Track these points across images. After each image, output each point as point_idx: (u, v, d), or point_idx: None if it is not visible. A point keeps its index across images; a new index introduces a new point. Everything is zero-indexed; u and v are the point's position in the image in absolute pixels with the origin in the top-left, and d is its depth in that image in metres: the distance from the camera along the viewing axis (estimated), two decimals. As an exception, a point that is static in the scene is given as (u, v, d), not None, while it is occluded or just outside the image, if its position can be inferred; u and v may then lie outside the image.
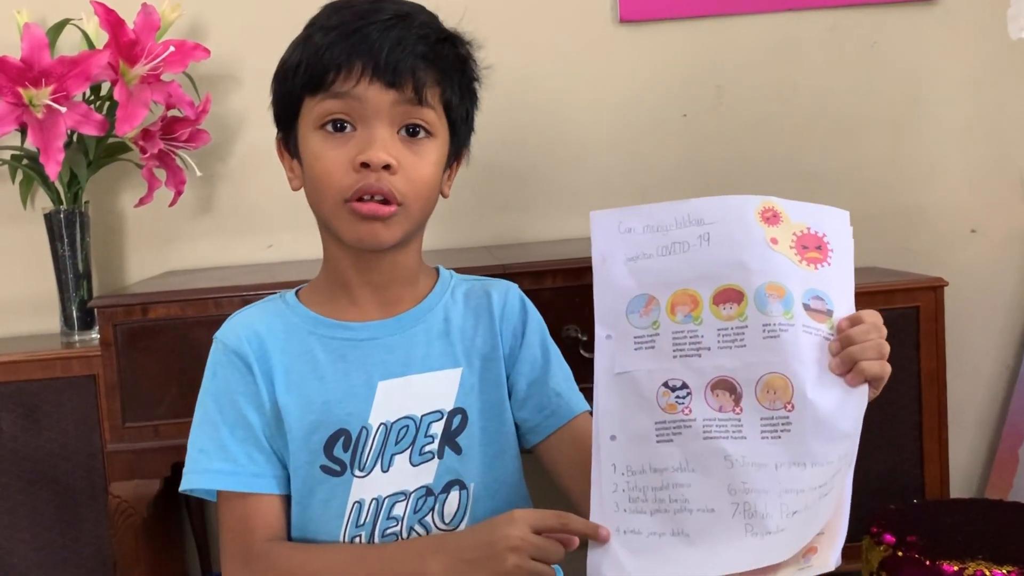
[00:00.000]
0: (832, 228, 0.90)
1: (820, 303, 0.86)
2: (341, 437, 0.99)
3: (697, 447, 0.87)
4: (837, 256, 0.88)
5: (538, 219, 2.00)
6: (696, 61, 2.01)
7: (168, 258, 1.97)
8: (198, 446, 1.00)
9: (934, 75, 2.05)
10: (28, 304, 1.94)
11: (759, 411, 0.85)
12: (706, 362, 0.88)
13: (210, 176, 1.94)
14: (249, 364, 0.99)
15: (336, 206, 0.96)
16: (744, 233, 0.88)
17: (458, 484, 1.02)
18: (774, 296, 0.86)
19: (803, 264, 0.87)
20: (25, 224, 1.90)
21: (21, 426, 1.70)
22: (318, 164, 0.97)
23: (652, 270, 0.92)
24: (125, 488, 1.57)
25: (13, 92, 1.59)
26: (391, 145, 0.95)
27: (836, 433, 0.83)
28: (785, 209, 0.90)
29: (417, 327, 1.04)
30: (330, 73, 0.95)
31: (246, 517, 0.99)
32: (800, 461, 0.83)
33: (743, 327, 0.87)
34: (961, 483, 2.08)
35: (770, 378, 0.85)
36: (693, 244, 0.90)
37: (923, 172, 2.06)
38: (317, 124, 0.97)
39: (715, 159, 2.03)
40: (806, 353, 0.85)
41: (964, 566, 1.40)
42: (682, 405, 0.88)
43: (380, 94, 0.95)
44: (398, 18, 0.97)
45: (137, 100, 1.67)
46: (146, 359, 1.55)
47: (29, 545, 1.73)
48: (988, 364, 2.10)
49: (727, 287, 0.88)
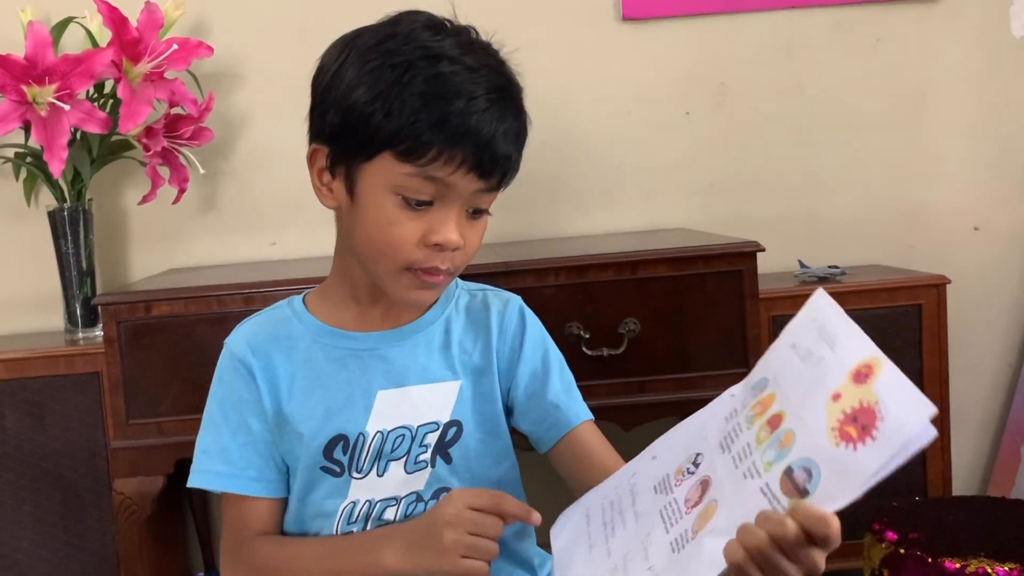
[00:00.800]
0: (900, 415, 0.71)
1: (804, 477, 0.74)
2: (340, 442, 1.03)
3: (653, 511, 0.87)
4: (876, 445, 0.71)
5: (541, 217, 2.00)
6: (699, 59, 2.01)
7: (171, 256, 1.98)
8: (202, 447, 1.05)
9: (937, 72, 2.05)
10: (32, 301, 1.95)
11: (690, 523, 0.81)
12: (720, 458, 0.84)
13: (213, 174, 1.95)
14: (253, 373, 1.02)
15: (396, 270, 0.97)
16: (828, 376, 0.77)
17: (446, 491, 1.04)
18: (780, 444, 0.78)
19: (832, 432, 0.74)
20: (29, 222, 1.90)
21: (25, 423, 1.71)
22: (391, 231, 0.95)
23: (783, 363, 0.83)
24: (129, 485, 1.58)
25: (17, 90, 1.60)
26: (462, 225, 0.96)
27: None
28: (880, 376, 0.74)
29: (418, 338, 1.06)
30: (430, 152, 0.92)
31: (241, 516, 1.04)
32: (656, 570, 0.80)
33: (752, 452, 0.81)
34: (963, 481, 2.08)
35: (710, 506, 0.81)
36: (810, 361, 0.80)
37: (926, 169, 2.06)
38: (397, 191, 0.94)
39: (719, 157, 2.03)
40: (740, 507, 0.77)
41: (966, 563, 1.40)
42: (684, 479, 0.87)
43: (470, 183, 0.95)
44: (498, 94, 0.95)
45: (140, 98, 1.68)
46: (150, 356, 1.55)
47: (33, 542, 1.73)
48: (990, 362, 2.10)
49: (779, 412, 0.80)
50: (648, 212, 2.04)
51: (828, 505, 0.72)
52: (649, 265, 1.56)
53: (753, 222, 1.98)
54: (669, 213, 2.04)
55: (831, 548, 0.72)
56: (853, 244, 2.04)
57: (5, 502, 1.72)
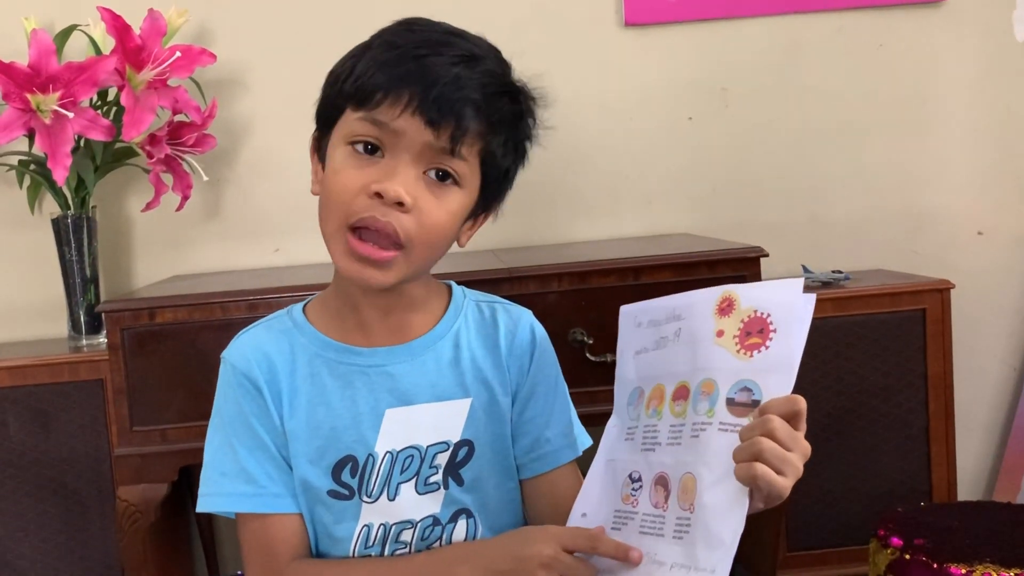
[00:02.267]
0: (780, 304, 0.82)
1: (746, 395, 0.81)
2: (349, 463, 0.99)
3: (632, 539, 0.89)
4: (780, 336, 0.81)
5: (544, 222, 2.00)
6: (701, 64, 2.01)
7: (175, 262, 1.98)
8: (219, 469, 0.99)
9: (940, 77, 2.04)
10: (36, 309, 1.95)
11: (676, 511, 0.85)
12: (655, 457, 0.90)
13: (217, 181, 1.95)
14: (259, 387, 0.98)
15: (337, 229, 0.93)
16: (700, 329, 0.87)
17: (465, 513, 1.02)
18: (704, 394, 0.85)
19: (740, 354, 0.83)
20: (33, 229, 1.90)
21: (29, 430, 1.71)
22: (335, 179, 0.93)
23: (646, 363, 0.95)
24: (133, 492, 1.57)
25: (21, 98, 1.60)
26: (411, 183, 0.91)
27: (715, 540, 0.80)
28: (740, 296, 0.86)
29: (427, 355, 1.02)
30: (377, 94, 0.91)
31: (268, 539, 0.98)
32: (687, 564, 0.82)
33: (682, 425, 0.87)
34: (968, 486, 2.07)
35: (685, 478, 0.85)
36: (670, 340, 0.91)
37: (930, 174, 2.06)
38: (348, 140, 0.93)
39: (721, 162, 2.03)
40: (714, 454, 0.82)
41: (971, 569, 1.40)
42: (634, 497, 0.91)
43: (417, 131, 0.90)
44: (466, 58, 0.93)
45: (144, 105, 1.68)
46: (153, 363, 1.55)
47: (37, 548, 1.73)
48: (995, 367, 2.10)
49: (682, 384, 0.88)
50: (651, 217, 2.04)
51: (780, 394, 0.80)
52: (652, 271, 1.56)
53: (756, 227, 1.98)
54: (672, 218, 2.03)
55: (803, 424, 0.80)
56: (857, 249, 2.04)
57: (8, 509, 1.72)
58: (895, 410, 1.78)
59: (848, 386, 1.76)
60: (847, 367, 1.76)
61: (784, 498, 0.80)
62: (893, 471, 1.79)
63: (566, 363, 1.15)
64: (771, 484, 0.78)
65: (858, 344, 1.76)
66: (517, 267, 1.56)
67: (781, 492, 0.79)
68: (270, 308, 1.53)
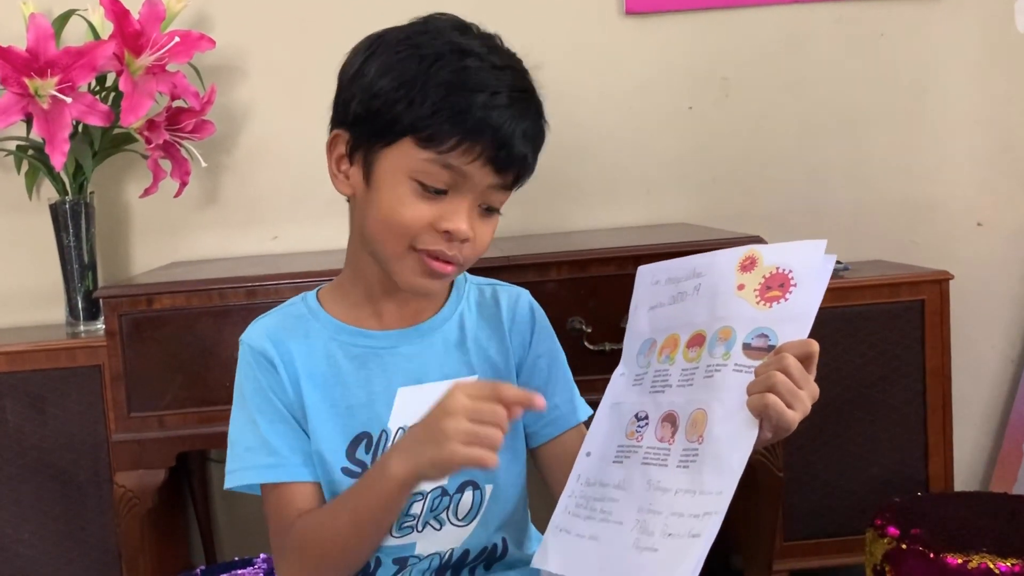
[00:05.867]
0: (802, 262, 0.89)
1: (763, 340, 0.87)
2: (363, 440, 1.03)
3: (634, 470, 0.93)
4: (800, 290, 0.87)
5: (543, 211, 2.00)
6: (702, 53, 2.01)
7: (173, 249, 1.98)
8: (244, 444, 1.03)
9: (941, 68, 2.04)
10: (33, 295, 1.94)
11: (683, 443, 0.90)
12: (665, 397, 0.94)
13: (215, 167, 1.94)
14: (275, 364, 1.03)
15: (404, 251, 0.98)
16: (721, 284, 0.93)
17: (472, 484, 1.06)
18: (721, 340, 0.90)
19: (760, 304, 0.89)
20: (31, 215, 1.90)
21: (26, 416, 1.71)
22: (403, 211, 0.97)
23: (661, 317, 1.00)
24: (130, 478, 1.57)
25: (19, 82, 1.59)
26: (472, 217, 0.98)
27: (724, 466, 0.85)
28: (763, 254, 0.91)
29: (435, 336, 1.07)
30: (451, 141, 0.94)
31: (288, 504, 1.02)
32: (692, 489, 0.86)
33: (695, 368, 0.92)
34: (965, 478, 2.08)
35: (696, 414, 0.89)
36: (689, 294, 0.97)
37: (930, 165, 2.06)
38: (413, 175, 0.96)
39: (721, 152, 2.03)
40: (728, 391, 0.87)
41: (968, 559, 1.40)
42: (639, 433, 0.95)
43: (487, 176, 0.97)
44: (520, 94, 0.98)
45: (142, 91, 1.68)
46: (151, 349, 1.55)
47: (35, 534, 1.73)
48: (993, 359, 2.10)
49: (697, 332, 0.93)
50: (650, 207, 2.03)
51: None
52: (651, 260, 1.53)
53: (755, 217, 1.98)
54: (671, 208, 2.03)
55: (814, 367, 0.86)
56: (856, 239, 2.03)
57: (6, 495, 1.72)
58: (893, 400, 1.79)
59: (846, 376, 1.76)
60: (845, 357, 1.76)
61: (791, 431, 0.85)
62: (890, 461, 1.79)
63: (565, 351, 1.15)
64: (780, 415, 0.83)
65: (857, 334, 1.76)
66: (516, 255, 1.56)
67: (789, 424, 0.84)
68: (268, 295, 1.53)
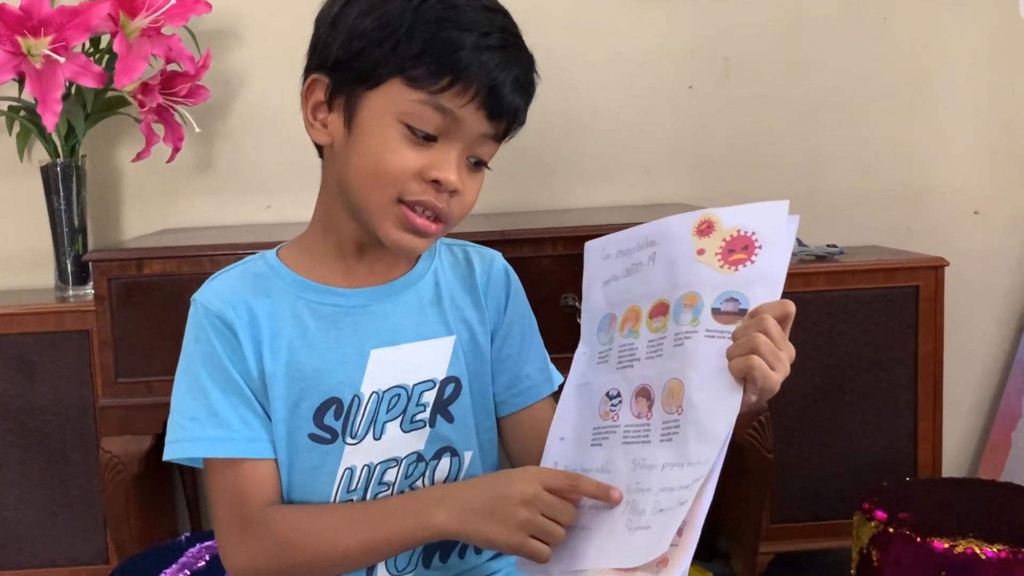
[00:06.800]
0: (765, 224, 0.86)
1: (733, 304, 0.85)
2: (333, 406, 0.97)
3: (616, 451, 0.91)
4: (765, 251, 0.85)
5: (540, 189, 1.98)
6: (704, 33, 1.99)
7: (165, 216, 1.96)
8: (188, 414, 0.95)
9: (944, 54, 2.03)
10: (23, 258, 1.93)
11: (662, 416, 0.88)
12: (635, 372, 0.92)
13: (209, 134, 1.92)
14: (235, 330, 0.96)
15: (388, 203, 0.93)
16: (678, 250, 0.90)
17: (449, 451, 1.01)
18: (687, 306, 0.88)
19: (724, 268, 0.86)
20: (21, 177, 1.88)
21: (13, 379, 1.70)
22: (389, 157, 0.92)
23: (617, 290, 0.97)
24: (116, 444, 1.57)
25: (12, 41, 1.57)
26: (462, 171, 0.94)
27: (708, 434, 0.83)
28: (720, 217, 0.89)
29: (409, 294, 1.02)
30: (444, 80, 0.90)
31: (239, 484, 0.96)
32: (679, 462, 0.84)
33: (663, 338, 0.89)
34: (953, 465, 2.08)
35: (671, 384, 0.87)
36: (645, 264, 0.94)
37: (929, 152, 2.05)
38: (403, 118, 0.91)
39: (720, 133, 2.01)
40: (702, 358, 0.85)
41: (955, 543, 1.40)
42: (614, 412, 0.93)
43: (479, 123, 0.92)
44: (513, 39, 0.95)
45: (137, 53, 1.65)
46: (140, 315, 1.54)
47: (20, 499, 1.73)
48: (985, 347, 2.10)
49: (659, 301, 0.91)
50: (647, 187, 2.02)
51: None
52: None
53: (752, 199, 1.88)
54: (668, 188, 2.02)
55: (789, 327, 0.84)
56: (852, 224, 2.03)
57: (-8, 458, 1.71)
58: (884, 385, 1.78)
59: (838, 360, 1.76)
60: (838, 341, 1.76)
61: (774, 393, 0.84)
62: (879, 446, 1.79)
63: (557, 328, 1.15)
64: (765, 377, 0.82)
65: (850, 319, 1.75)
66: (511, 230, 1.55)
67: (773, 386, 0.83)
68: (260, 263, 1.52)
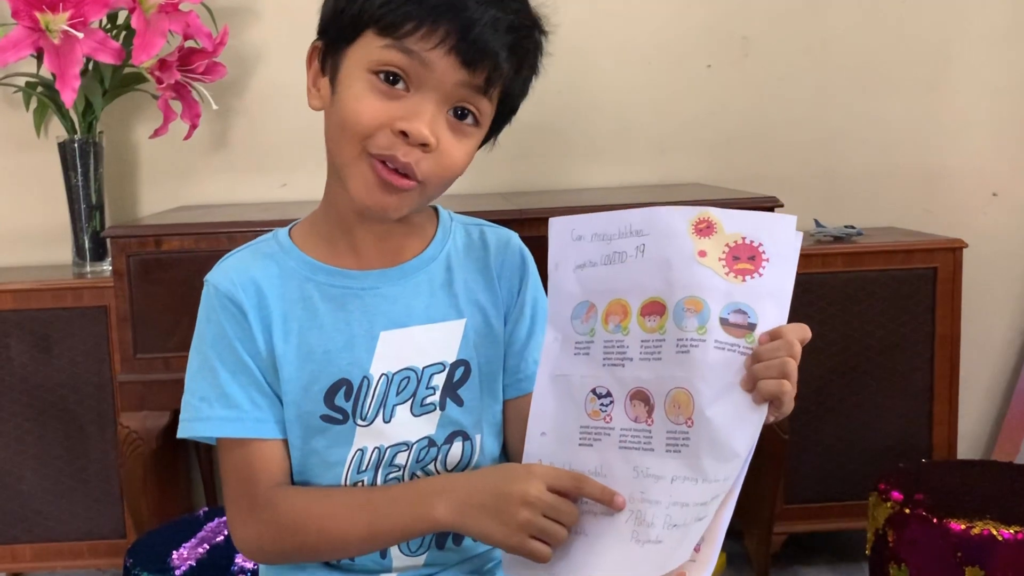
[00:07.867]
0: (772, 237, 0.84)
1: (741, 317, 0.83)
2: (343, 387, 0.97)
3: (611, 455, 0.89)
4: (773, 266, 0.83)
5: (556, 168, 1.98)
6: (723, 11, 1.98)
7: (181, 193, 1.96)
8: (199, 394, 0.96)
9: (963, 33, 2.01)
10: (40, 234, 1.93)
11: (666, 424, 0.86)
12: (628, 372, 0.89)
13: (226, 111, 1.92)
14: (244, 311, 0.95)
15: (357, 154, 0.90)
16: (674, 246, 0.87)
17: (461, 435, 1.00)
18: (691, 311, 0.85)
19: (730, 276, 0.84)
20: (39, 152, 1.89)
21: (31, 355, 1.71)
22: (357, 107, 0.89)
23: (594, 278, 0.93)
24: (134, 419, 1.58)
25: (30, 16, 1.57)
26: (436, 123, 0.90)
27: (727, 452, 0.82)
28: (721, 219, 0.86)
29: (419, 276, 1.00)
30: (409, 24, 0.87)
31: (249, 464, 0.96)
32: (692, 476, 0.83)
33: (661, 340, 0.86)
34: (968, 447, 2.08)
35: (676, 393, 0.85)
36: (630, 255, 0.90)
37: (948, 133, 2.03)
38: (371, 67, 0.89)
39: (738, 111, 2.00)
40: (712, 370, 0.83)
41: (971, 525, 1.40)
42: (605, 412, 0.90)
43: (451, 69, 0.88)
44: None
45: (154, 29, 1.65)
46: (158, 291, 1.54)
47: (37, 472, 1.74)
48: (1002, 329, 2.09)
49: (653, 300, 0.88)
50: (664, 166, 2.01)
51: (777, 323, 0.83)
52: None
53: (770, 179, 1.96)
54: (685, 167, 2.01)
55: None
56: (870, 205, 2.02)
57: (9, 433, 1.73)
58: (901, 367, 1.78)
59: (855, 341, 1.75)
60: (855, 323, 1.75)
61: (787, 415, 0.85)
62: (894, 428, 1.79)
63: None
64: (791, 403, 0.82)
65: (867, 300, 1.74)
66: (528, 209, 1.55)
67: (789, 409, 0.83)
68: (278, 239, 1.52)
